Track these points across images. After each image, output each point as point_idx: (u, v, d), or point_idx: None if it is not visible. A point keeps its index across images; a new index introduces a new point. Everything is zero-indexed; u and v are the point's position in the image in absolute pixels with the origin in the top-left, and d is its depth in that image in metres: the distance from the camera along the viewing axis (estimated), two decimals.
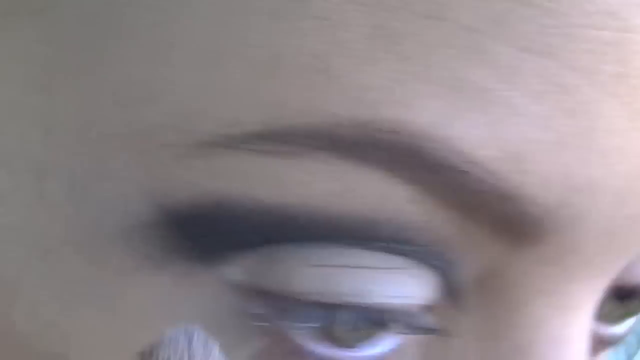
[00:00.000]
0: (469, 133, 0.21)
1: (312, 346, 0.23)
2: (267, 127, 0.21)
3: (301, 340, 0.23)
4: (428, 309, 0.24)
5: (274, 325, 0.23)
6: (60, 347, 0.23)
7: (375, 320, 0.23)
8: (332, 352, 0.23)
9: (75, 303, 0.23)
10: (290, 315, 0.23)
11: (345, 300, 0.22)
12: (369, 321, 0.23)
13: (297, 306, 0.23)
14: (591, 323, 0.26)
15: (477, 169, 0.22)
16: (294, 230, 0.22)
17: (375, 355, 0.24)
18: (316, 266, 0.22)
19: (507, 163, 0.22)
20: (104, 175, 0.22)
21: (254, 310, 0.23)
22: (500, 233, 0.23)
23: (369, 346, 0.24)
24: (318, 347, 0.23)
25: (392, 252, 0.23)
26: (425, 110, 0.21)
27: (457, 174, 0.22)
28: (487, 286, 0.24)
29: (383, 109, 0.21)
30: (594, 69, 0.22)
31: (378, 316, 0.23)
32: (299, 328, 0.23)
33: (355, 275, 0.22)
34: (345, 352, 0.23)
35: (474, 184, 0.22)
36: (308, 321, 0.23)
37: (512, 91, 0.21)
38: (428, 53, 0.21)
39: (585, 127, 0.22)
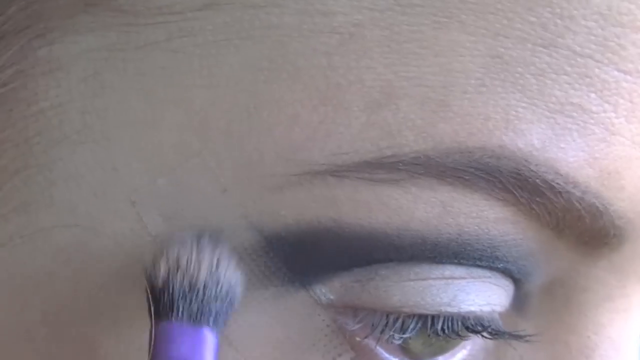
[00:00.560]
0: (571, 155, 0.22)
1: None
2: (378, 155, 0.22)
3: (383, 355, 0.24)
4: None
5: (362, 341, 0.24)
6: None
7: (467, 328, 0.24)
8: None
9: None
10: (389, 327, 0.23)
11: (441, 310, 0.23)
12: (461, 329, 0.24)
13: (397, 318, 0.23)
14: None
15: (577, 190, 0.22)
16: (396, 251, 0.23)
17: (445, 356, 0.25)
18: (413, 280, 0.23)
19: (603, 181, 0.23)
20: (204, 202, 0.23)
21: (346, 327, 0.24)
22: (581, 245, 0.24)
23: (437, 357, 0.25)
24: None
25: (480, 266, 0.24)
26: (530, 135, 0.22)
27: (558, 195, 0.22)
28: (554, 293, 0.25)
29: (492, 136, 0.22)
30: None
31: (469, 323, 0.24)
32: (397, 339, 0.24)
33: (449, 287, 0.23)
34: None
35: (572, 204, 0.23)
36: (406, 332, 0.23)
37: (611, 112, 0.22)
38: (541, 80, 0.22)
39: None
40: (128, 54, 0.22)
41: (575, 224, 0.23)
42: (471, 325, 0.24)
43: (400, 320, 0.23)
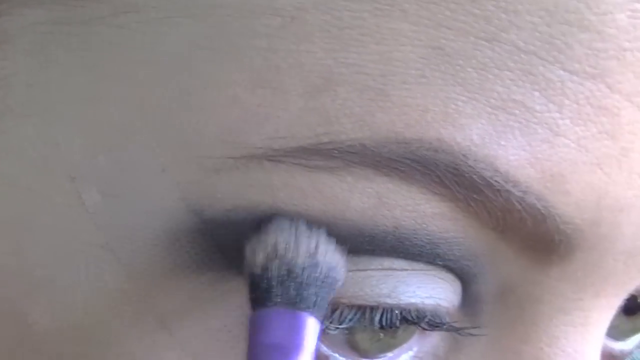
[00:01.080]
0: (511, 153, 0.22)
1: (337, 357, 0.24)
2: (315, 141, 0.21)
3: (327, 351, 0.24)
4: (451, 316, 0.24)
5: None
6: (82, 348, 0.23)
7: (408, 320, 0.23)
8: None
9: (105, 307, 0.23)
10: (327, 318, 0.23)
11: (380, 301, 0.23)
12: (402, 321, 0.23)
13: (335, 309, 0.23)
14: (603, 339, 0.26)
15: (517, 190, 0.22)
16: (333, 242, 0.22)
17: (389, 357, 0.24)
18: (352, 271, 0.23)
19: (546, 183, 0.22)
20: (143, 181, 0.22)
21: None
22: (527, 250, 0.24)
23: (388, 358, 0.24)
24: (337, 355, 0.24)
25: (422, 261, 0.23)
26: (470, 130, 0.21)
27: (497, 194, 0.22)
28: (506, 302, 0.25)
29: (430, 128, 0.21)
30: (636, 91, 0.22)
31: (410, 316, 0.23)
32: (333, 329, 0.23)
33: (388, 278, 0.23)
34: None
35: (512, 204, 0.22)
36: (344, 322, 0.23)
37: (556, 112, 0.22)
38: (482, 75, 0.21)
39: (622, 149, 0.23)
40: (74, 28, 0.22)
41: (517, 226, 0.23)
42: (411, 318, 0.23)
43: (338, 311, 0.23)
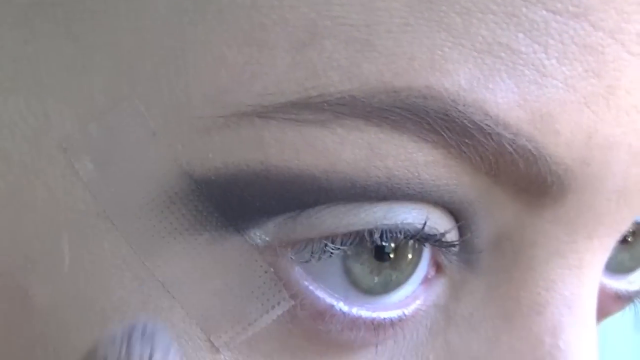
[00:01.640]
0: (500, 96, 0.22)
1: (335, 302, 0.24)
2: (304, 96, 0.22)
3: (325, 300, 0.24)
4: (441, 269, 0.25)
5: (303, 289, 0.23)
6: (85, 317, 0.23)
7: (406, 236, 0.23)
8: (355, 309, 0.24)
9: (106, 275, 0.23)
10: (328, 248, 0.23)
11: (377, 224, 0.23)
12: (401, 238, 0.23)
13: (334, 240, 0.23)
14: (600, 279, 0.26)
15: (508, 132, 0.22)
16: (326, 195, 0.22)
17: (395, 303, 0.24)
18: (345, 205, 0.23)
19: (536, 124, 0.22)
20: (135, 147, 0.23)
21: (287, 270, 0.23)
22: (521, 193, 0.24)
23: (390, 294, 0.24)
24: (341, 304, 0.24)
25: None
26: (457, 75, 0.22)
27: (488, 137, 0.22)
28: (502, 249, 0.25)
29: (418, 76, 0.21)
30: (619, 28, 0.22)
31: (408, 234, 0.23)
32: (334, 250, 0.23)
33: (384, 205, 0.23)
34: (366, 305, 0.24)
35: (504, 147, 0.22)
36: (344, 245, 0.23)
37: (541, 53, 0.22)
38: (466, 19, 0.21)
39: (608, 87, 0.23)
40: None
41: (510, 169, 0.23)
42: (411, 235, 0.23)
43: (338, 240, 0.23)
